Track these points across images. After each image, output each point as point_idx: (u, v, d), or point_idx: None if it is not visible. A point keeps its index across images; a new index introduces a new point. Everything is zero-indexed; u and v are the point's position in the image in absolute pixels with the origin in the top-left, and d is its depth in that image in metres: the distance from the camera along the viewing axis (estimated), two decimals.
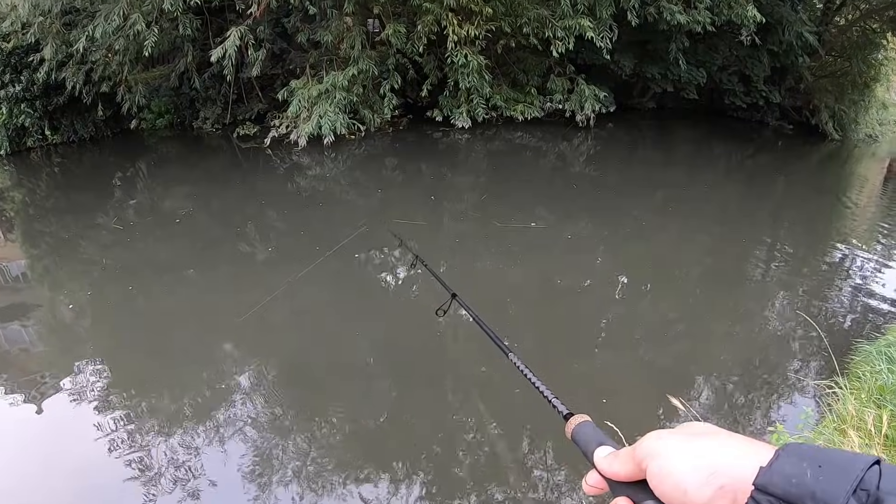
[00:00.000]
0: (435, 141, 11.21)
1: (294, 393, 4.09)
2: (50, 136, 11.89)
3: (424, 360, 4.45)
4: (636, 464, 0.60)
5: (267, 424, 3.75)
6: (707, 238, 7.62)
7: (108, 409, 3.91)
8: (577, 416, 0.77)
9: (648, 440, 0.59)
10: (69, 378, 4.30)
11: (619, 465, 0.62)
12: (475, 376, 4.23)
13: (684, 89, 14.07)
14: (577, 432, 0.75)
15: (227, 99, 11.85)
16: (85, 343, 4.94)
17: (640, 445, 0.60)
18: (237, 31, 9.94)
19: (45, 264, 6.97)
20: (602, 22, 10.91)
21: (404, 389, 4.13)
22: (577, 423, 0.76)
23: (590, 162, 11.18)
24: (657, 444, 0.58)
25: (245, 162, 10.51)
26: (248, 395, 4.02)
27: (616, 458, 0.64)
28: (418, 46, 10.54)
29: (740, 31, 12.51)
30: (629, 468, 0.61)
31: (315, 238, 6.80)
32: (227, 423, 3.75)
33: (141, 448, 3.54)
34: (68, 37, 10.67)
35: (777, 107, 15.77)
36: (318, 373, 4.33)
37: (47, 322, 5.37)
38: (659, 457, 0.57)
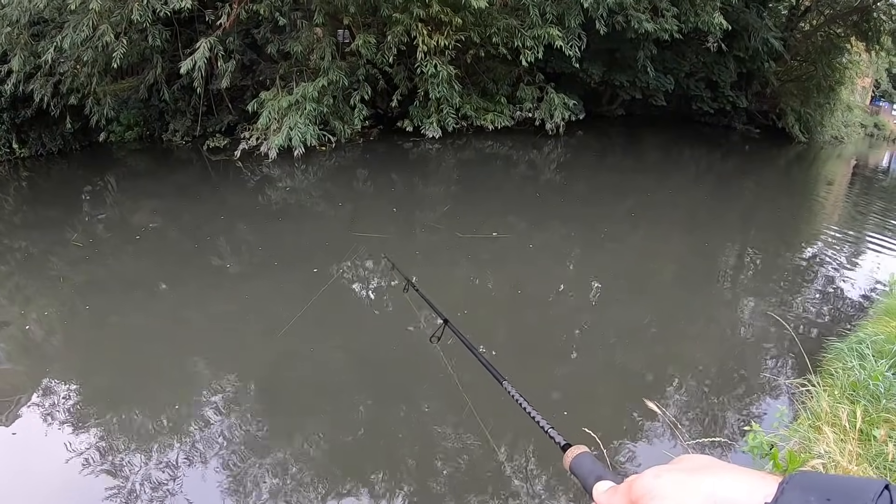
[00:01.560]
0: (406, 151, 11.26)
1: (271, 409, 4.08)
2: (17, 149, 11.71)
3: (403, 374, 4.47)
4: (633, 500, 0.58)
5: (244, 441, 3.75)
6: (678, 242, 7.75)
7: (80, 428, 3.87)
8: (574, 448, 0.76)
9: (645, 479, 0.57)
10: (38, 397, 4.26)
11: (619, 502, 0.61)
12: (455, 391, 4.27)
13: (652, 96, 14.30)
14: (575, 464, 0.74)
15: (196, 111, 11.77)
16: (53, 361, 4.89)
17: (636, 483, 0.58)
18: (207, 43, 9.88)
19: (14, 281, 6.89)
20: (571, 31, 11.06)
21: (383, 404, 4.15)
22: (575, 454, 0.75)
23: (560, 169, 11.31)
24: (654, 484, 0.56)
25: (215, 174, 10.46)
26: (224, 411, 4.01)
27: (615, 495, 0.63)
28: (388, 57, 10.59)
29: (707, 38, 12.77)
30: None
31: (285, 251, 6.80)
32: (203, 440, 3.74)
33: (115, 468, 3.51)
34: (36, 48, 10.51)
35: (744, 111, 16.10)
36: (296, 388, 4.33)
37: (15, 339, 5.32)
38: (656, 498, 0.55)
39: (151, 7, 9.74)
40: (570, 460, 0.75)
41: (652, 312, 5.68)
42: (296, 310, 5.41)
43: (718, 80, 15.00)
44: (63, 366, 4.79)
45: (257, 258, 6.81)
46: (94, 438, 3.75)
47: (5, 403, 4.22)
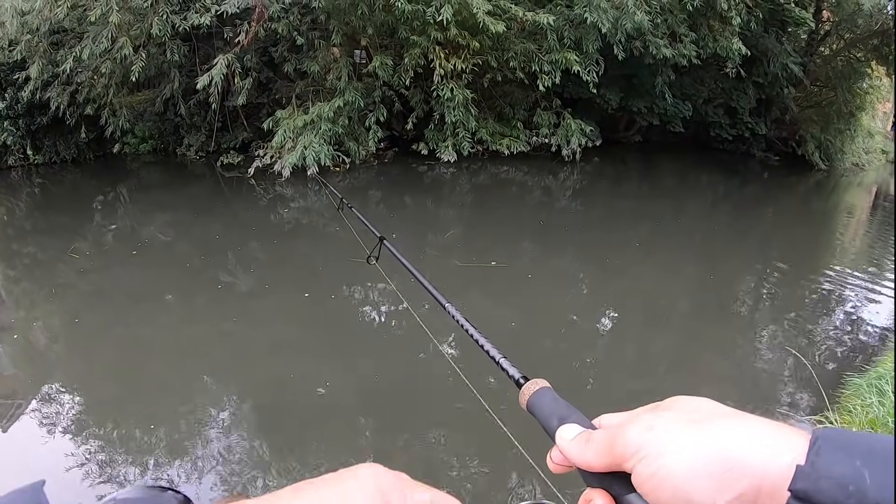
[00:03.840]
0: (420, 174, 11.41)
1: (274, 426, 4.15)
2: (32, 155, 11.99)
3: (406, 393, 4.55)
4: (617, 460, 0.48)
5: (244, 458, 3.82)
6: (693, 271, 7.80)
7: (80, 437, 3.98)
8: (532, 383, 0.66)
9: (635, 431, 0.47)
10: (38, 403, 4.37)
11: (594, 456, 0.51)
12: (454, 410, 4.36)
13: (670, 122, 14.40)
14: (534, 403, 0.64)
15: (211, 127, 12.00)
16: (55, 368, 5.02)
17: (623, 436, 0.48)
18: (224, 59, 10.12)
19: (22, 287, 7.07)
20: (588, 56, 11.20)
21: (389, 424, 4.21)
22: (533, 391, 0.65)
23: (575, 196, 11.42)
24: (648, 439, 0.46)
25: (228, 191, 10.65)
26: (224, 428, 4.06)
27: (588, 445, 0.52)
28: (405, 79, 10.77)
29: (726, 64, 12.86)
30: (605, 462, 0.50)
31: (295, 271, 6.95)
32: (202, 457, 3.80)
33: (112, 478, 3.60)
34: (55, 56, 10.81)
35: (763, 138, 16.14)
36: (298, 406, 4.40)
37: (18, 344, 5.47)
38: (650, 456, 0.45)
39: (171, 22, 10.02)
40: (527, 398, 0.65)
41: (666, 342, 5.71)
42: (303, 329, 5.55)
43: (737, 106, 15.08)
44: (64, 373, 4.93)
45: (266, 276, 6.93)
46: (91, 448, 3.85)
47: (5, 406, 4.36)
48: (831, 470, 0.38)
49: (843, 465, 0.38)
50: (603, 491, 0.51)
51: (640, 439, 0.47)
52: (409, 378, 4.83)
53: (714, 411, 0.48)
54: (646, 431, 0.47)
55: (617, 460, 0.48)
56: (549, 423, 0.59)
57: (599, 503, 0.50)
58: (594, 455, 0.51)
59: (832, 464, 0.38)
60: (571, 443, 0.54)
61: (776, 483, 0.40)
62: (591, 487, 0.52)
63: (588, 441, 0.52)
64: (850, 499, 0.36)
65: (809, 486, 0.38)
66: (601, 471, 0.51)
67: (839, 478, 0.37)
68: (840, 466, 0.38)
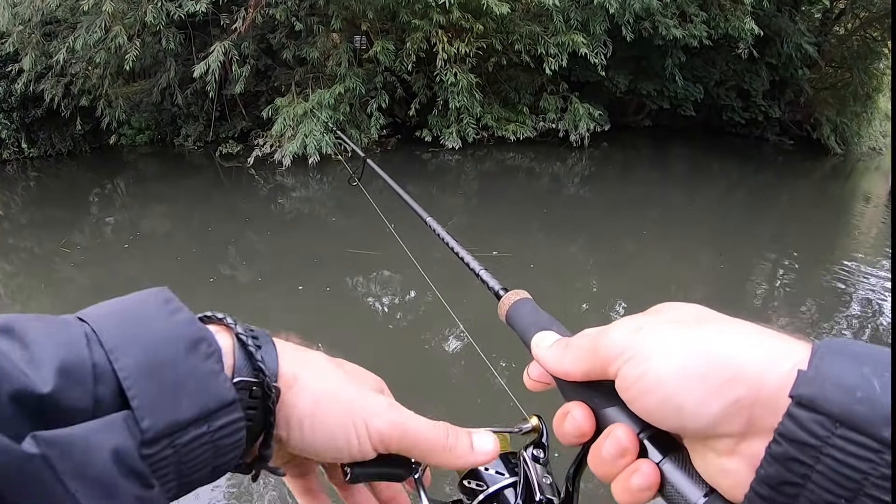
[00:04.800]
0: (424, 162, 11.34)
1: None
2: (26, 149, 11.96)
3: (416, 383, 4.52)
4: (599, 364, 0.45)
5: None
6: (706, 259, 7.74)
7: None
8: (513, 293, 0.63)
9: (620, 332, 0.44)
10: None
11: (572, 362, 0.48)
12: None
13: (681, 106, 14.27)
14: (513, 314, 0.61)
15: (209, 116, 11.94)
16: None
17: (605, 337, 0.45)
18: (221, 47, 10.06)
19: (18, 281, 7.06)
20: (596, 38, 11.09)
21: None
22: (512, 301, 0.62)
23: (584, 183, 11.33)
24: (635, 340, 0.43)
25: (227, 181, 10.61)
26: None
27: (567, 351, 0.49)
28: (407, 64, 10.68)
29: (738, 45, 12.71)
30: (586, 368, 0.46)
31: (297, 262, 6.91)
32: None
33: None
34: (48, 48, 10.77)
35: (777, 122, 16.00)
36: None
37: None
38: (637, 357, 0.42)
39: (165, 10, 9.94)
40: (506, 308, 0.62)
41: None
42: (305, 321, 5.52)
43: (750, 88, 14.92)
44: None
45: (268, 268, 6.92)
46: None
47: None
48: (837, 376, 0.35)
49: (850, 371, 0.35)
50: (582, 403, 0.48)
51: (626, 340, 0.44)
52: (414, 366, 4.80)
53: (705, 316, 0.44)
54: (632, 333, 0.44)
55: (599, 365, 0.45)
56: (528, 334, 0.57)
57: (578, 415, 0.48)
58: (573, 361, 0.48)
59: (838, 370, 0.35)
60: (549, 350, 0.52)
61: (775, 389, 0.36)
62: (568, 399, 0.50)
63: (567, 347, 0.50)
64: (858, 405, 0.33)
65: (814, 391, 0.35)
66: (581, 380, 0.48)
67: (846, 384, 0.34)
68: (847, 373, 0.35)
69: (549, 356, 0.51)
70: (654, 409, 0.41)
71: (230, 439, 0.43)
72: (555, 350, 0.51)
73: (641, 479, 0.43)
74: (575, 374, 0.48)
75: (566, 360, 0.48)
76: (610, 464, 0.44)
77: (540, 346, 0.53)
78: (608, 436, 0.45)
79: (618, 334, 0.44)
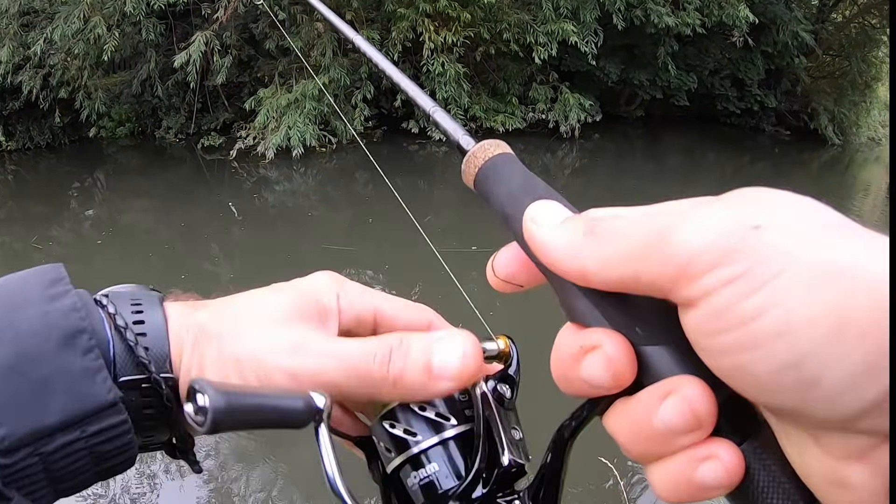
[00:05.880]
0: (411, 154, 11.37)
1: None
2: (4, 142, 11.93)
3: None
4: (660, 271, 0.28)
5: (230, 453, 3.86)
6: None
7: None
8: (489, 143, 0.43)
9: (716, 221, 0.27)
10: None
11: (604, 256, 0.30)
12: None
13: (674, 96, 14.30)
14: (488, 175, 0.41)
15: (191, 108, 11.93)
16: None
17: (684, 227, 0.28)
18: (202, 37, 10.08)
19: None
20: (586, 26, 11.12)
21: None
22: (490, 155, 0.42)
23: (575, 175, 11.39)
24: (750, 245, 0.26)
25: (209, 174, 10.64)
26: None
27: (596, 237, 0.31)
28: (393, 54, 10.69)
29: (732, 33, 12.75)
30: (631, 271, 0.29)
31: (276, 257, 6.95)
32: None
33: None
34: (26, 39, 10.75)
35: (773, 111, 16.03)
36: None
37: None
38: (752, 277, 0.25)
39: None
40: (476, 167, 0.42)
41: None
42: None
43: (745, 77, 14.94)
44: None
45: (244, 264, 6.96)
46: None
47: None
48: None
49: None
50: (616, 333, 0.31)
51: (729, 240, 0.26)
52: None
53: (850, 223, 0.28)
54: (745, 230, 0.26)
55: (656, 272, 0.28)
56: (514, 206, 0.37)
57: (614, 351, 0.30)
58: (605, 255, 0.30)
59: None
60: (557, 229, 0.33)
61: None
62: (586, 325, 0.32)
63: (595, 230, 0.31)
64: None
65: None
66: (610, 289, 0.31)
67: None
68: None
69: (560, 240, 0.32)
70: (764, 375, 0.25)
71: (110, 445, 0.38)
72: (570, 231, 0.32)
73: (719, 471, 0.28)
74: (604, 279, 0.30)
75: (590, 251, 0.31)
76: (663, 438, 0.29)
77: (541, 223, 0.34)
78: (670, 393, 0.29)
79: (713, 228, 0.27)
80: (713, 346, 0.27)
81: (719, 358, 0.27)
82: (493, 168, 0.41)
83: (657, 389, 0.30)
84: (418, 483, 0.42)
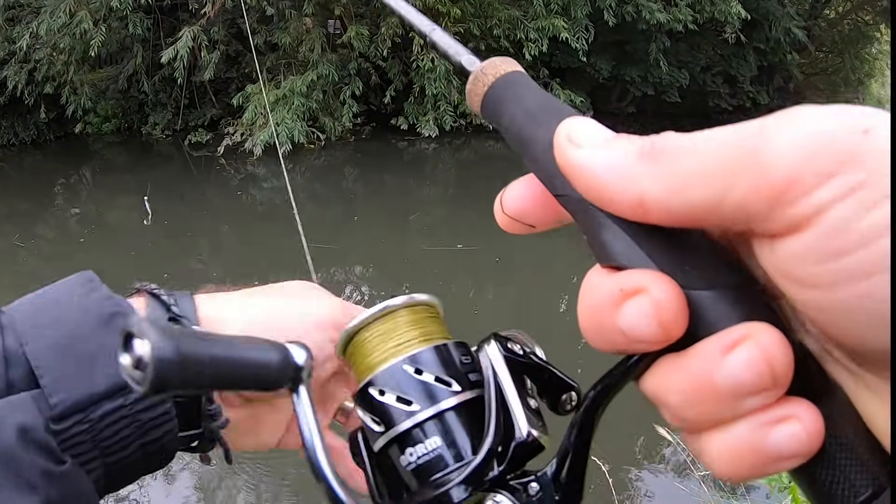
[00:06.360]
0: (400, 151, 11.40)
1: None
2: None
3: None
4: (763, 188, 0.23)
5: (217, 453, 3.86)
6: None
7: None
8: (499, 61, 0.37)
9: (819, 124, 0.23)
10: None
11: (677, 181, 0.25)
12: None
13: (666, 92, 14.35)
14: (501, 95, 0.35)
15: (178, 104, 11.93)
16: None
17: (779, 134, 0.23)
18: (190, 32, 10.09)
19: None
20: (577, 22, 11.17)
21: None
22: (502, 72, 0.36)
23: None
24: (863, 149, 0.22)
25: (197, 171, 10.65)
26: None
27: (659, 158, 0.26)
28: (382, 50, 10.72)
29: (724, 29, 12.82)
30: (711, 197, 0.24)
31: (269, 256, 6.98)
32: None
33: None
34: (11, 33, 10.75)
35: (765, 108, 16.04)
36: None
37: None
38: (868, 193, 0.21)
39: None
40: (485, 86, 0.36)
41: None
42: None
43: (737, 74, 15.02)
44: None
45: (240, 262, 6.99)
46: None
47: None
48: None
49: None
50: (667, 277, 0.25)
51: (844, 145, 0.22)
52: None
53: None
54: (855, 133, 0.22)
55: (749, 195, 0.23)
56: (534, 127, 0.32)
57: (664, 296, 0.25)
58: (673, 179, 0.25)
59: None
60: (605, 149, 0.27)
61: None
62: (623, 266, 0.27)
63: (654, 150, 0.26)
64: None
65: None
66: (671, 222, 0.26)
67: None
68: None
69: (608, 162, 0.27)
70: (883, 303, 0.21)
71: (152, 412, 0.43)
72: (622, 152, 0.27)
73: (799, 434, 0.24)
74: (668, 209, 0.25)
75: (650, 175, 0.25)
76: (728, 398, 0.24)
77: (581, 142, 0.28)
78: (739, 343, 0.24)
79: (819, 131, 0.22)
80: (824, 279, 0.22)
81: (831, 292, 0.22)
82: (507, 86, 0.35)
83: (720, 340, 0.24)
84: (414, 462, 0.36)
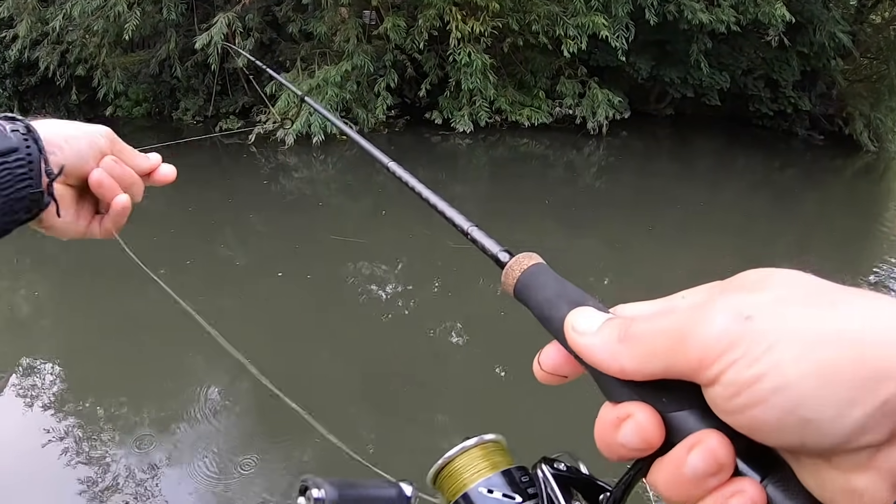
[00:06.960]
0: (433, 145, 11.34)
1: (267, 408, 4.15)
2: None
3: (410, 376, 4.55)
4: (684, 364, 0.35)
5: (232, 440, 3.86)
6: (729, 261, 7.68)
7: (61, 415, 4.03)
8: (524, 256, 0.49)
9: (721, 321, 0.34)
10: (18, 378, 4.45)
11: (636, 358, 0.37)
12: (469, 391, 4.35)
13: (705, 95, 14.15)
14: (527, 285, 0.48)
15: (210, 90, 11.96)
16: (40, 342, 5.13)
17: (698, 328, 0.35)
18: (225, 18, 10.09)
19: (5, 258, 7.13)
20: (618, 20, 11.01)
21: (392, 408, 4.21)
22: (525, 267, 0.48)
23: (600, 174, 11.31)
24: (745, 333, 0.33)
25: (227, 158, 10.66)
26: (215, 411, 4.10)
27: (629, 342, 0.38)
28: (418, 42, 10.65)
29: (767, 32, 12.59)
30: (660, 367, 0.36)
31: (285, 245, 7.00)
32: (188, 440, 3.84)
33: (91, 459, 3.65)
34: (44, 14, 10.82)
35: (807, 115, 15.82)
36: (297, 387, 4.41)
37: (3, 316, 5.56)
38: (750, 358, 0.32)
39: None
40: (515, 277, 0.48)
41: None
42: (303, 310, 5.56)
43: (779, 78, 14.74)
44: (49, 347, 5.03)
45: (266, 252, 6.97)
46: (72, 425, 3.93)
47: None
48: None
49: None
50: (645, 405, 0.37)
51: (730, 334, 0.33)
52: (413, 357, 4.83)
53: (831, 291, 0.34)
54: (739, 322, 0.33)
55: (684, 366, 0.35)
56: (553, 312, 0.44)
57: (644, 420, 0.37)
58: (639, 357, 0.37)
59: None
60: (596, 336, 0.39)
61: None
62: (620, 401, 0.38)
63: (627, 336, 0.38)
64: None
65: None
66: (643, 379, 0.37)
67: None
68: None
69: (598, 346, 0.39)
70: (770, 422, 0.32)
71: (21, 168, 0.69)
72: (606, 337, 0.39)
73: (746, 502, 0.34)
74: (635, 374, 0.37)
75: (625, 354, 0.37)
76: (694, 483, 0.35)
77: (580, 331, 0.40)
78: (695, 446, 0.35)
79: (718, 325, 0.34)
80: (731, 409, 0.34)
81: (737, 416, 0.34)
82: (530, 277, 0.48)
83: (684, 444, 0.36)
84: None
